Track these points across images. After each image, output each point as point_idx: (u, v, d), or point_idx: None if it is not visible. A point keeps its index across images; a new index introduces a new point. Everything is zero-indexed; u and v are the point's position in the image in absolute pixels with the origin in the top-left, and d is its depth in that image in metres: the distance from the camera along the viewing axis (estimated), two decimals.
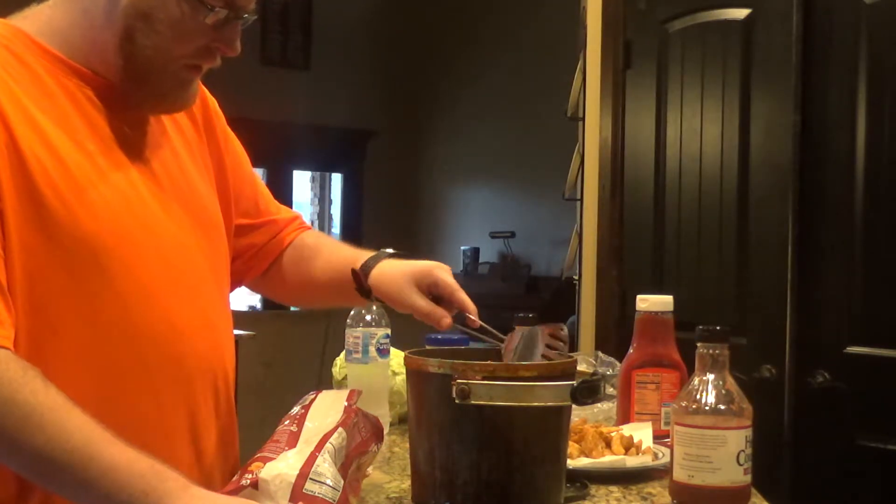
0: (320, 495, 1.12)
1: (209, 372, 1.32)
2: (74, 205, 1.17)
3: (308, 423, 1.22)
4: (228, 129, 1.51)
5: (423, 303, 1.47)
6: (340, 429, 1.21)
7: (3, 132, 1.14)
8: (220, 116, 1.48)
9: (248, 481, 1.11)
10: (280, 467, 1.12)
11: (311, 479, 1.12)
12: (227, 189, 1.47)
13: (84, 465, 1.05)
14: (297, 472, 1.12)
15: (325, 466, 1.14)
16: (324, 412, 1.25)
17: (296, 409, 1.28)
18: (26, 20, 1.26)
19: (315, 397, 1.30)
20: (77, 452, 1.05)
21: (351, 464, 1.22)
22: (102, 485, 1.05)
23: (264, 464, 1.13)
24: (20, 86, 1.18)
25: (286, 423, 1.24)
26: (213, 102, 1.47)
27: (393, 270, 1.51)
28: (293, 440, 1.18)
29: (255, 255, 1.58)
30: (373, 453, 1.32)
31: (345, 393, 1.31)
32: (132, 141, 1.28)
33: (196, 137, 1.42)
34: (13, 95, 1.17)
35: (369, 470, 1.36)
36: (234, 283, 1.53)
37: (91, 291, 1.19)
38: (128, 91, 1.25)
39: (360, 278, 1.51)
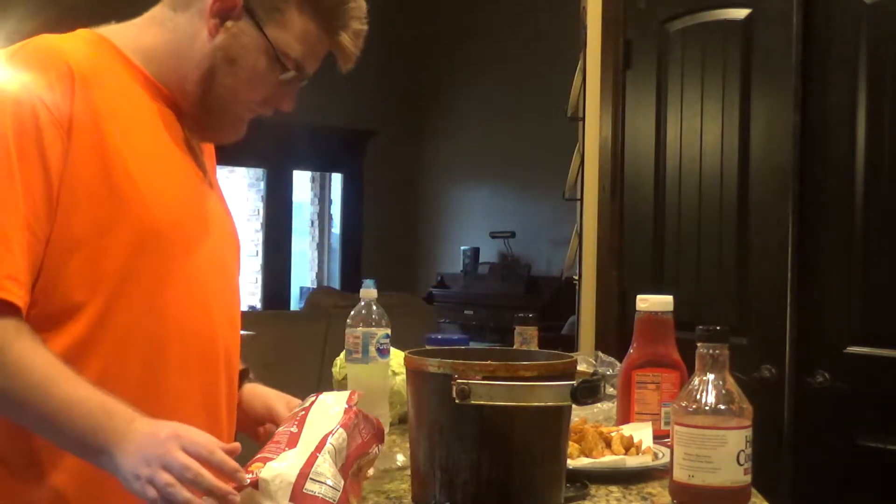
0: (320, 495, 1.12)
1: (228, 354, 1.43)
2: (147, 195, 1.30)
3: (308, 424, 1.22)
4: None
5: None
6: (341, 429, 1.21)
7: (93, 131, 1.26)
8: None
9: (248, 481, 1.11)
10: (280, 467, 1.13)
11: (311, 478, 1.12)
12: None
13: (42, 400, 1.17)
14: (297, 471, 1.12)
15: (326, 466, 1.14)
16: (324, 413, 1.25)
17: (296, 411, 1.28)
18: (115, 34, 1.39)
19: (316, 399, 1.30)
20: (35, 388, 1.17)
21: (352, 465, 1.22)
22: (57, 420, 1.17)
23: (264, 464, 1.14)
24: (111, 92, 1.31)
25: (287, 424, 1.25)
26: None
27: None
28: (293, 441, 1.18)
29: None
30: (374, 455, 1.32)
31: (345, 394, 1.32)
32: (194, 152, 1.43)
33: (211, 163, 1.55)
34: (105, 96, 1.29)
35: (370, 471, 1.36)
36: None
37: (150, 270, 1.30)
38: (194, 117, 1.40)
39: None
